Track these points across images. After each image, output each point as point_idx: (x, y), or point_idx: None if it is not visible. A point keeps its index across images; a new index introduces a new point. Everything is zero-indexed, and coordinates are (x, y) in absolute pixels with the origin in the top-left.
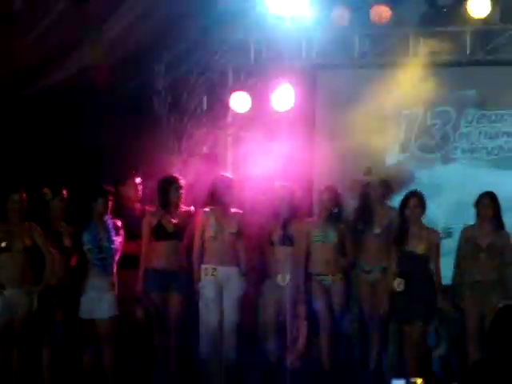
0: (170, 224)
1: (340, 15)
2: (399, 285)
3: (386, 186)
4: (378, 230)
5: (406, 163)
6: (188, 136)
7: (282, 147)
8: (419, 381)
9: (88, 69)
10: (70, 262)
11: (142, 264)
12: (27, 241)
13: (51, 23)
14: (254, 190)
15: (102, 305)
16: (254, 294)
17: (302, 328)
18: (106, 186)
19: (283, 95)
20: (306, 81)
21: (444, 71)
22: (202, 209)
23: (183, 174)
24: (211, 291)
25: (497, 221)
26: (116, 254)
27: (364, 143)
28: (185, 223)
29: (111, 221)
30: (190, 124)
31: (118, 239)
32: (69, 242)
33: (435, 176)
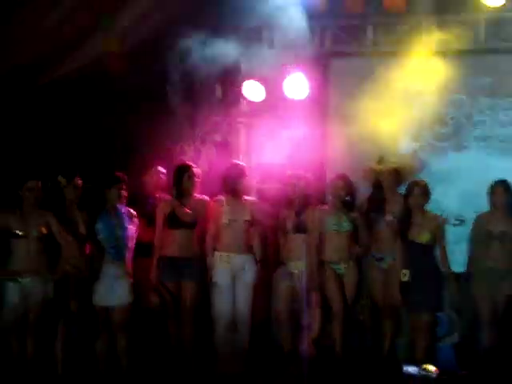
0: (183, 212)
1: (353, 3)
2: (405, 275)
3: (398, 175)
4: (389, 218)
5: (418, 151)
6: (201, 124)
7: (295, 135)
8: (431, 367)
9: (102, 57)
10: (85, 250)
11: (156, 252)
12: (43, 229)
13: (65, 11)
14: (267, 177)
15: (116, 292)
16: (267, 281)
17: (315, 315)
18: (120, 174)
19: (296, 83)
20: (319, 69)
21: (457, 59)
22: (216, 197)
23: (196, 162)
24: (225, 279)
25: (510, 208)
26: (130, 242)
27: (376, 131)
28: (198, 212)
29: (125, 208)
30: (203, 112)
31: (133, 227)
32: (84, 230)
33: (448, 164)
